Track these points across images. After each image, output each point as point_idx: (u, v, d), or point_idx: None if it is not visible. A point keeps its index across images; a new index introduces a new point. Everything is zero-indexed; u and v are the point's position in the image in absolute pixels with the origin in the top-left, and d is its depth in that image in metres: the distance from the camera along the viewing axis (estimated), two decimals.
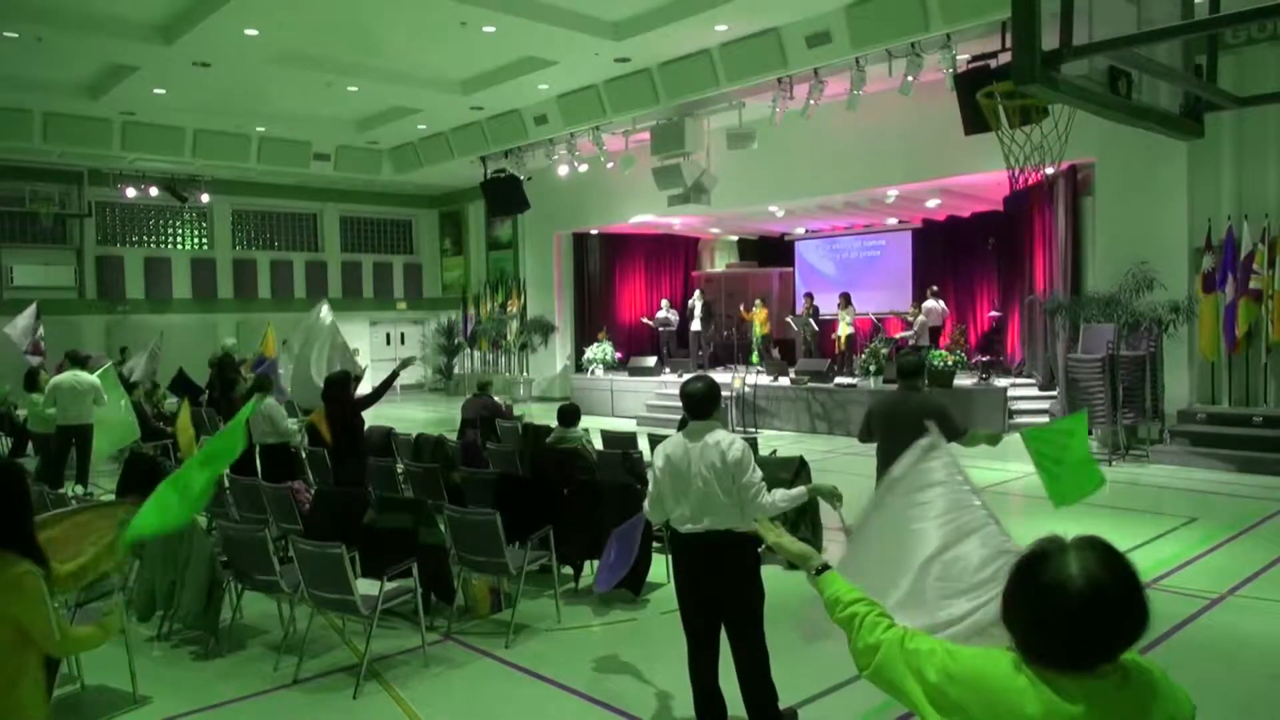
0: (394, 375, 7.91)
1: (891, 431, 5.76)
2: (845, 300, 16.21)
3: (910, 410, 5.77)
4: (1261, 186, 10.67)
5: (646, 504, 4.08)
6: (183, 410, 9.91)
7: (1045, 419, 12.96)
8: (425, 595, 5.44)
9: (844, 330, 16.01)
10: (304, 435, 9.32)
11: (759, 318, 17.60)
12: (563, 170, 15.99)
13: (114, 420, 9.99)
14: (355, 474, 7.24)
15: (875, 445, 5.96)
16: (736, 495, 3.81)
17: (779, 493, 3.83)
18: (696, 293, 19.02)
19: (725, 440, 3.83)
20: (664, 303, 19.35)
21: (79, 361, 10.00)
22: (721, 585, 3.87)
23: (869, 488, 4.11)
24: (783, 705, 4.06)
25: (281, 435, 8.02)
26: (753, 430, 13.90)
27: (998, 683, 1.64)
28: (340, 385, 7.37)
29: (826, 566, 2.18)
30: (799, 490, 3.94)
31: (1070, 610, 1.56)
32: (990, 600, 2.31)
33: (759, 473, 3.81)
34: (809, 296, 17.12)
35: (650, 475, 4.07)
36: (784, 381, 14.87)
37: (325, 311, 10.33)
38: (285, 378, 10.31)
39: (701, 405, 3.93)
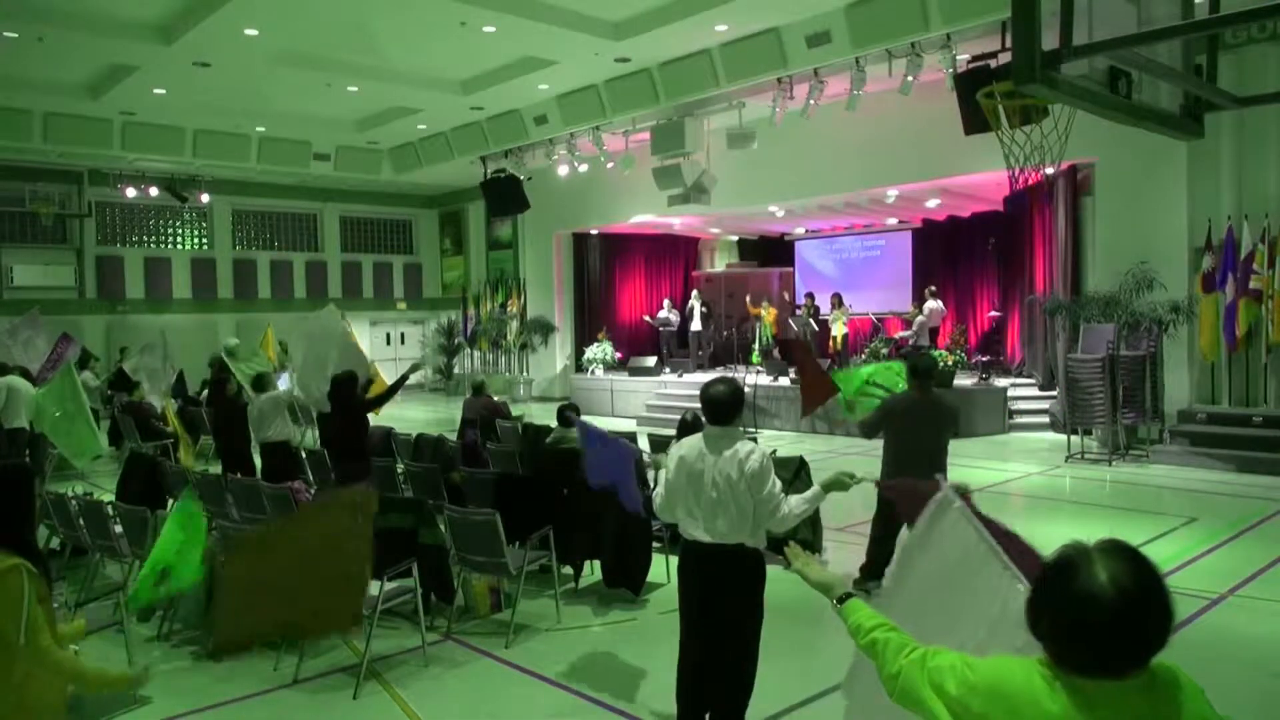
0: (402, 379, 8.01)
1: (907, 429, 5.80)
2: (838, 300, 16.26)
3: (927, 410, 5.82)
4: (1261, 186, 10.67)
5: (656, 502, 3.93)
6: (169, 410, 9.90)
7: (1045, 419, 12.99)
8: (425, 595, 5.44)
9: (838, 330, 16.04)
10: (303, 435, 9.31)
11: (768, 318, 17.58)
12: (563, 170, 16.00)
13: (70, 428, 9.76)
14: (360, 474, 7.25)
15: (882, 443, 6.00)
16: (752, 510, 3.63)
17: (794, 500, 3.67)
18: (694, 293, 19.07)
19: (744, 451, 3.65)
20: (666, 302, 19.38)
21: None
22: (724, 599, 3.73)
23: (867, 488, 4.07)
24: (783, 706, 4.05)
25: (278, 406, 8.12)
26: (752, 430, 13.90)
27: (1016, 688, 1.64)
28: (348, 386, 7.38)
29: (850, 595, 2.12)
30: (814, 491, 3.73)
31: (1100, 621, 1.54)
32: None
33: (778, 484, 3.64)
34: (809, 296, 17.14)
35: (662, 476, 3.91)
36: (784, 381, 14.87)
37: (333, 314, 10.30)
38: (291, 380, 10.22)
39: (723, 410, 3.73)
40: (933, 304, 15.57)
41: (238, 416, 8.58)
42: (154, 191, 18.28)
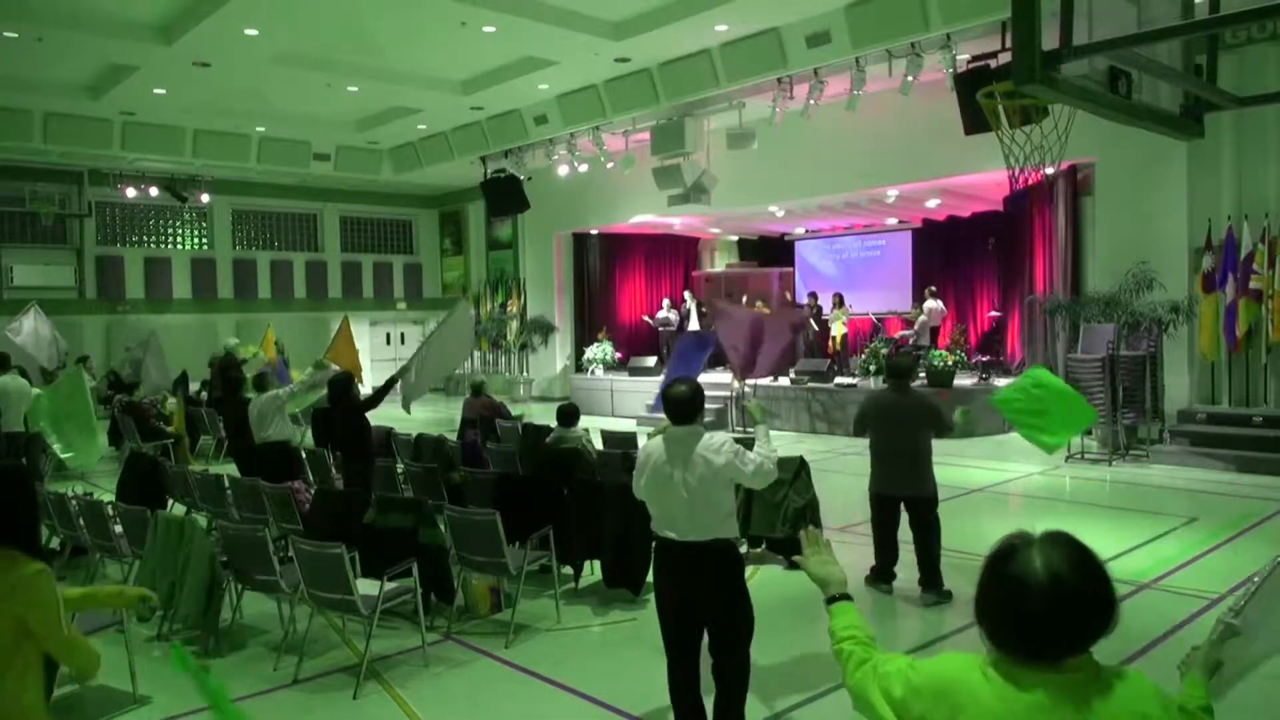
0: (393, 381, 7.98)
1: (886, 427, 5.96)
2: (839, 300, 16.26)
3: (904, 408, 5.98)
4: (1261, 186, 10.67)
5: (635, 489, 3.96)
6: (178, 410, 9.81)
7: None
8: (425, 595, 5.44)
9: (838, 330, 16.05)
10: (303, 435, 9.30)
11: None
12: (563, 170, 15.99)
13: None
14: (363, 474, 7.26)
15: (869, 440, 6.15)
16: (727, 502, 3.71)
17: (761, 448, 3.80)
18: (687, 294, 19.10)
19: (710, 449, 3.69)
20: (665, 302, 19.39)
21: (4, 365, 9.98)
22: (706, 597, 3.71)
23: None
24: (783, 705, 4.05)
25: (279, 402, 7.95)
26: (752, 430, 13.89)
27: (953, 682, 1.65)
28: (343, 387, 7.38)
29: (840, 596, 2.13)
30: (759, 430, 4.02)
31: (1030, 604, 1.56)
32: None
33: (745, 452, 3.71)
34: (813, 295, 17.14)
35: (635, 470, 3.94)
36: (784, 381, 14.86)
37: (465, 308, 10.18)
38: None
39: (684, 410, 3.77)
40: (932, 304, 15.57)
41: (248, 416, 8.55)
42: (154, 191, 18.28)
